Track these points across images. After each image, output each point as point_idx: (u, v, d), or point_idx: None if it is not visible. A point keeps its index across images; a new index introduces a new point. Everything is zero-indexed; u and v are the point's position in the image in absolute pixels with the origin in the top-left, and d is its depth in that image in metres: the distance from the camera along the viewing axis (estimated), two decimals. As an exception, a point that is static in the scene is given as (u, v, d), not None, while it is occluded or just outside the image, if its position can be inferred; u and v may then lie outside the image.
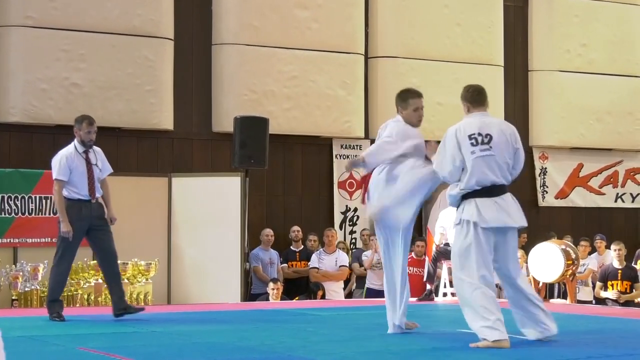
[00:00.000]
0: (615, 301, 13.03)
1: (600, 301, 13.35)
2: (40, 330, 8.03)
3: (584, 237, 15.33)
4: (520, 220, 7.22)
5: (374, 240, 14.23)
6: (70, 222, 9.07)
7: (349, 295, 14.11)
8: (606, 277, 13.31)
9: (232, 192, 12.65)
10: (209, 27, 15.20)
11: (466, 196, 7.10)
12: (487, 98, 7.40)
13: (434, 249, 11.90)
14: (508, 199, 7.17)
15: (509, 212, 7.11)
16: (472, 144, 7.10)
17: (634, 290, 13.23)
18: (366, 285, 14.08)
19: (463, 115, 7.44)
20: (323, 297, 13.17)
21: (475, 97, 7.35)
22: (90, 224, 9.26)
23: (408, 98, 7.93)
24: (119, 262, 11.86)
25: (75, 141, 9.52)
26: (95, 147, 9.61)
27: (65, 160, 9.31)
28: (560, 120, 17.60)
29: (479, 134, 7.11)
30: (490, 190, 7.07)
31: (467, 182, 7.07)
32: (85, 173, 9.36)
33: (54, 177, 9.33)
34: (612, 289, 13.16)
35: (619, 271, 13.22)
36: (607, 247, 14.93)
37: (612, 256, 13.49)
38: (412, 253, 13.95)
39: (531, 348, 6.93)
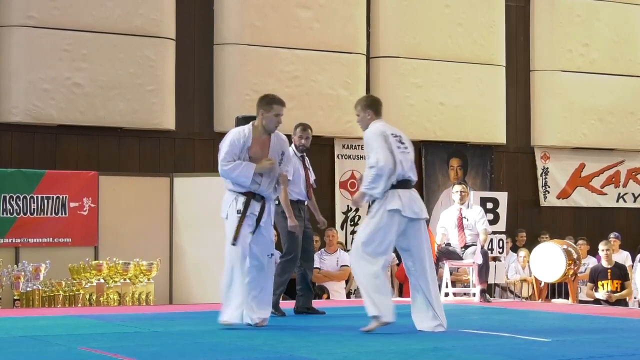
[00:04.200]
0: (606, 301, 13.01)
1: (591, 302, 13.29)
2: (42, 331, 8.03)
3: (581, 237, 15.35)
4: (426, 214, 8.01)
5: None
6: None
7: (348, 295, 14.11)
8: (596, 277, 13.28)
9: (234, 192, 12.62)
10: (211, 27, 15.21)
11: (391, 187, 7.78)
12: None
13: (435, 249, 11.89)
14: (416, 193, 7.98)
15: (420, 205, 7.91)
16: (396, 141, 7.85)
17: (624, 288, 13.21)
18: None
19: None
20: (327, 298, 13.18)
21: (378, 108, 8.11)
22: (303, 225, 9.72)
23: (273, 103, 8.50)
24: (120, 262, 11.95)
25: (292, 146, 9.81)
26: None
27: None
28: (562, 120, 17.60)
29: (396, 135, 7.90)
30: (407, 184, 7.87)
31: (395, 176, 7.76)
32: (303, 176, 9.79)
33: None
34: (603, 288, 13.14)
35: (609, 270, 13.21)
36: (621, 246, 14.96)
37: (601, 256, 13.47)
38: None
39: (531, 348, 6.93)
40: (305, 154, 10.01)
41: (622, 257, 14.40)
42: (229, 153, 8.21)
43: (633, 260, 14.34)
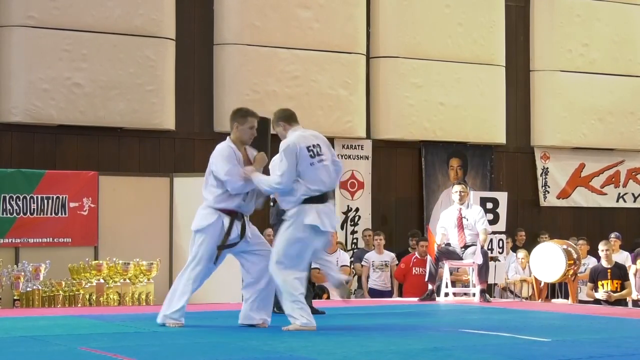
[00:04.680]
0: (606, 301, 13.00)
1: (591, 302, 13.29)
2: (42, 331, 8.03)
3: (581, 237, 15.35)
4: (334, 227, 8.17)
5: (379, 241, 14.25)
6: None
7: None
8: (596, 277, 13.28)
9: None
10: (211, 27, 15.21)
11: (305, 201, 7.87)
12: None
13: (435, 249, 11.89)
14: (331, 206, 8.07)
15: (333, 218, 8.03)
16: (310, 156, 7.88)
17: (624, 288, 13.21)
18: (369, 285, 14.09)
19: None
20: (327, 298, 13.18)
21: (288, 118, 8.18)
22: None
23: (247, 116, 8.40)
24: (120, 262, 11.95)
25: None
26: None
27: None
28: (561, 120, 17.60)
29: (313, 146, 7.93)
30: (324, 197, 7.92)
31: (307, 190, 7.84)
32: None
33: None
34: (603, 288, 13.14)
35: (608, 270, 13.20)
36: (621, 246, 14.96)
37: (601, 256, 13.46)
38: (416, 253, 13.98)
39: (531, 348, 6.93)
40: None
41: (623, 257, 14.38)
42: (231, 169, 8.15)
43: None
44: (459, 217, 11.93)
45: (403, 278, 13.94)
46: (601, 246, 13.42)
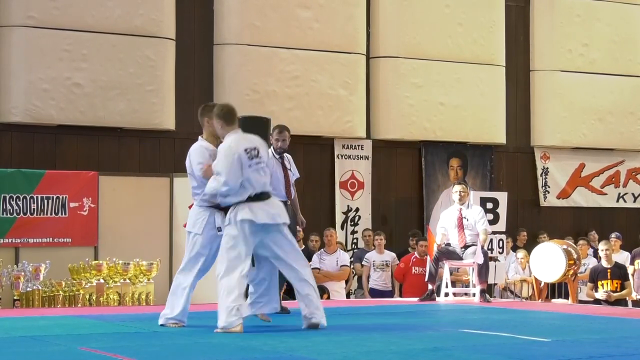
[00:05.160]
0: (606, 301, 13.00)
1: (592, 302, 13.29)
2: (42, 331, 8.03)
3: (582, 237, 15.34)
4: (284, 219, 8.08)
5: (379, 241, 14.24)
6: None
7: (348, 294, 14.11)
8: (596, 277, 13.28)
9: (234, 192, 12.63)
10: (211, 27, 15.21)
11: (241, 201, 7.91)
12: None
13: (435, 249, 11.89)
14: (275, 201, 8.10)
15: (276, 212, 8.00)
16: (248, 158, 7.92)
17: (624, 288, 13.21)
18: (370, 285, 14.09)
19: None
20: (327, 298, 13.17)
21: (230, 117, 8.24)
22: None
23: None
24: (120, 262, 11.94)
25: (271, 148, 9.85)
26: (286, 154, 10.04)
27: None
28: (562, 120, 17.60)
29: (251, 148, 7.98)
30: (261, 197, 7.94)
31: (247, 190, 7.87)
32: (282, 177, 9.82)
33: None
34: (603, 288, 13.14)
35: (608, 270, 13.20)
36: (622, 246, 14.97)
37: (601, 256, 13.46)
38: (415, 253, 13.98)
39: (531, 348, 6.93)
40: (284, 154, 9.98)
41: (623, 257, 14.38)
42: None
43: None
44: (459, 217, 11.93)
45: (402, 278, 13.94)
46: (601, 246, 13.42)
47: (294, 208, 10.06)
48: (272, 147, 9.84)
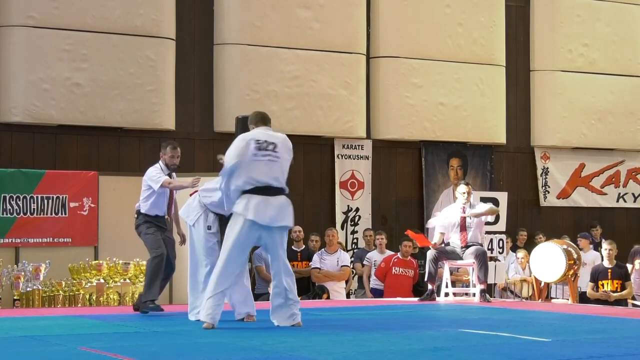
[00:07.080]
0: (605, 301, 13.00)
1: (593, 302, 13.29)
2: (42, 331, 8.04)
3: (583, 233, 15.35)
4: (284, 222, 8.23)
5: (381, 240, 14.23)
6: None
7: (348, 294, 14.11)
8: (597, 276, 13.29)
9: (234, 192, 12.62)
10: (211, 27, 15.21)
11: (244, 193, 8.14)
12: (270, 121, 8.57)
13: (431, 249, 11.89)
14: (280, 199, 8.20)
15: (279, 212, 8.15)
16: (257, 148, 8.15)
17: (625, 288, 13.21)
18: (371, 285, 14.07)
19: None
20: (327, 298, 13.18)
21: (254, 119, 8.55)
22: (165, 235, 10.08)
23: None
24: (120, 261, 11.95)
25: (160, 162, 10.12)
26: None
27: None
28: (562, 120, 17.60)
29: (265, 141, 8.21)
30: (265, 191, 8.12)
31: (246, 180, 8.12)
32: (167, 193, 10.05)
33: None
34: (603, 288, 13.14)
35: (609, 270, 13.20)
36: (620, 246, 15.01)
37: (604, 255, 13.48)
38: (398, 253, 13.91)
39: (531, 348, 6.93)
40: (173, 172, 10.20)
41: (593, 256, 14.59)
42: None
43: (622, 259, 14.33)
44: (462, 217, 11.92)
45: (383, 277, 13.85)
46: (605, 245, 13.44)
47: (175, 223, 10.29)
48: (164, 162, 10.07)
